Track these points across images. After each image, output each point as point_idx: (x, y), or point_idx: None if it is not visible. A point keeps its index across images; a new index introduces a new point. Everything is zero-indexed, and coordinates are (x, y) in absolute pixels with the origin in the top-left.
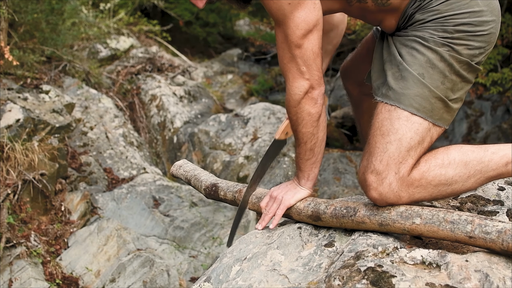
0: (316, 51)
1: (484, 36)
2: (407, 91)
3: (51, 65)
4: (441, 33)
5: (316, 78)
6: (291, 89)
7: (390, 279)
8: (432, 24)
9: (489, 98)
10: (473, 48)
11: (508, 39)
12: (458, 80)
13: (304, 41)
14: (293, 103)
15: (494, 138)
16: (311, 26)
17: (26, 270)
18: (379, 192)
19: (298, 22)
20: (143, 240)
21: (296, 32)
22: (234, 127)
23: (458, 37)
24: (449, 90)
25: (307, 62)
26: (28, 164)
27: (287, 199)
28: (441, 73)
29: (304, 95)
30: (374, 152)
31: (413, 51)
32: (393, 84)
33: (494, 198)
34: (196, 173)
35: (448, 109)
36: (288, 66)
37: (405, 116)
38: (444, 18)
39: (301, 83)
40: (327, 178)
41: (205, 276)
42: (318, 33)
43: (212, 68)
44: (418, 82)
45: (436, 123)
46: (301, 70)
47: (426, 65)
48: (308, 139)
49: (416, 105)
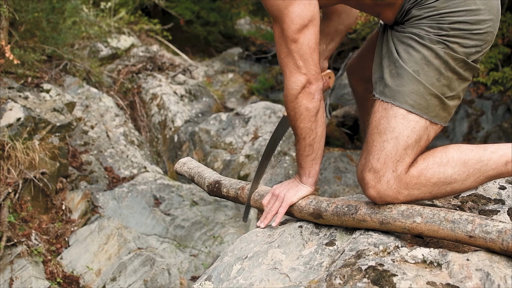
0: (313, 46)
1: (480, 35)
2: (402, 88)
3: (52, 64)
4: (436, 30)
5: (313, 73)
6: (288, 84)
7: (391, 278)
8: (428, 21)
9: (490, 97)
10: (469, 46)
11: (509, 38)
12: (454, 77)
13: (300, 35)
14: (291, 98)
15: (495, 137)
16: (306, 21)
17: (27, 269)
18: (377, 190)
19: (293, 17)
20: (143, 239)
21: (291, 27)
22: (234, 126)
23: (454, 34)
24: (445, 87)
25: (304, 56)
26: (29, 163)
27: (289, 197)
28: (436, 70)
29: (301, 89)
30: (372, 151)
31: (409, 48)
32: (389, 82)
33: (495, 197)
34: (199, 170)
35: (444, 106)
36: (285, 61)
37: (402, 114)
38: (440, 15)
39: (298, 77)
40: (328, 177)
41: (206, 275)
42: (314, 28)
43: (212, 67)
44: (413, 79)
45: (432, 120)
46: (298, 65)
47: (422, 62)
48: (306, 134)
49: (411, 102)
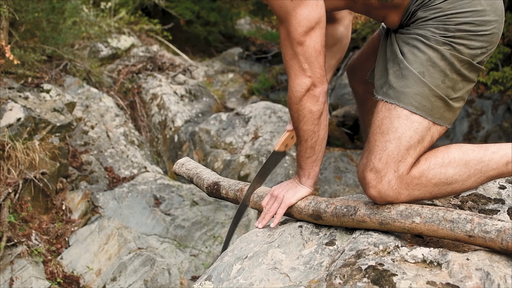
0: (319, 49)
1: (486, 36)
2: (407, 90)
3: (52, 64)
4: (442, 31)
5: (318, 76)
6: (293, 86)
7: (391, 278)
8: (434, 22)
9: (490, 97)
10: (475, 47)
11: (509, 38)
12: (459, 79)
13: (306, 38)
14: (295, 100)
15: (495, 137)
16: (313, 24)
17: (27, 269)
18: (378, 190)
19: (300, 20)
20: (144, 239)
21: (298, 29)
22: (235, 126)
23: (460, 36)
24: (450, 89)
25: (309, 59)
26: (29, 163)
27: (288, 198)
28: (441, 72)
29: (305, 92)
30: (374, 151)
31: (415, 49)
32: (394, 83)
33: (495, 197)
34: (198, 171)
35: (449, 108)
36: (290, 63)
37: (405, 115)
38: (446, 16)
39: (303, 80)
40: (328, 177)
41: (206, 275)
42: (321, 30)
43: (213, 67)
44: (418, 80)
45: (436, 122)
46: (303, 68)
47: (427, 64)
48: (309, 136)
49: (415, 104)
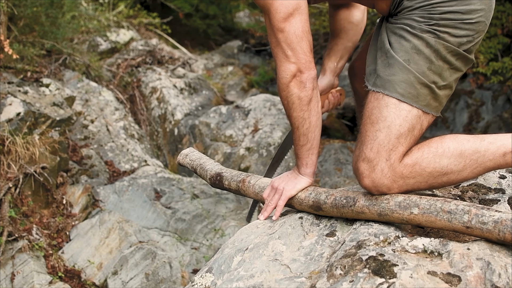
0: (299, 35)
1: (471, 24)
2: (393, 77)
3: (51, 58)
4: (427, 20)
5: (303, 61)
6: (279, 73)
7: (392, 268)
8: (419, 11)
9: (490, 88)
10: (460, 36)
11: (508, 28)
12: (446, 66)
13: (286, 24)
14: (282, 87)
15: (495, 128)
16: (290, 10)
17: (28, 263)
18: (372, 179)
19: (276, 6)
20: (145, 232)
21: (276, 16)
22: (235, 118)
23: (444, 24)
24: (437, 76)
25: (291, 45)
26: (29, 157)
27: (288, 190)
28: (427, 59)
29: (291, 78)
30: (365, 141)
31: (401, 39)
32: (381, 72)
33: (495, 187)
34: (201, 162)
35: (435, 95)
36: (275, 51)
37: (393, 104)
38: (431, 5)
39: (288, 66)
40: (328, 168)
41: (207, 267)
42: (300, 16)
43: (212, 60)
44: (403, 68)
45: (424, 110)
46: (287, 54)
47: (412, 51)
48: (300, 123)
49: (401, 91)
